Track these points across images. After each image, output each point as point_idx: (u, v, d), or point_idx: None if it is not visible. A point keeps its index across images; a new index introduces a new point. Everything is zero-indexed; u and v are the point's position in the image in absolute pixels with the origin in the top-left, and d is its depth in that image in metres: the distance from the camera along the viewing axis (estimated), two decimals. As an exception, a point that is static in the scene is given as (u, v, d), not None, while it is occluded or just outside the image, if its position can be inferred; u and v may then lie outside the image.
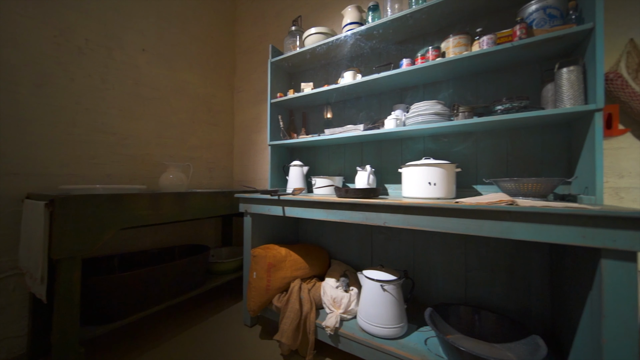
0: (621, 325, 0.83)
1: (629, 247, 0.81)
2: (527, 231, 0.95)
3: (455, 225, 1.09)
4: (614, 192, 1.32)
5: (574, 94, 1.17)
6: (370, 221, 1.32)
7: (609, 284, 0.85)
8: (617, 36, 1.33)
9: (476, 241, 1.58)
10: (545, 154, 1.41)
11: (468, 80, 1.62)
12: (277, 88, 2.28)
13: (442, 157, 1.70)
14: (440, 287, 1.69)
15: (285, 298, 1.64)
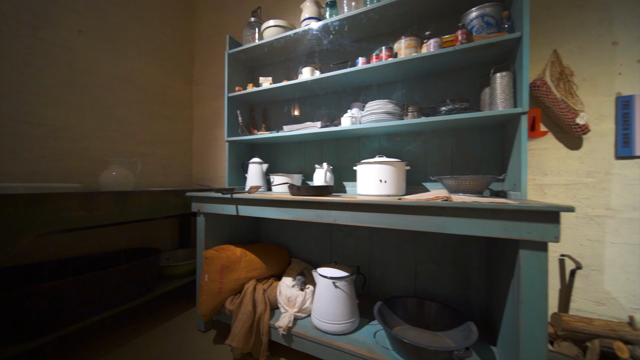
0: (534, 310, 0.92)
1: (540, 238, 0.89)
2: (459, 226, 1.01)
3: (398, 221, 1.12)
4: (539, 188, 1.46)
5: (505, 97, 1.26)
6: (321, 219, 1.32)
7: (525, 272, 0.93)
8: (543, 47, 1.46)
9: (425, 236, 1.66)
10: (484, 154, 1.52)
11: (418, 82, 1.69)
12: (236, 81, 2.19)
13: (396, 155, 1.75)
14: (394, 280, 1.76)
15: (238, 300, 1.59)
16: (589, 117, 1.35)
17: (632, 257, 1.29)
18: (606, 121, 1.34)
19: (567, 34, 1.42)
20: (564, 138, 1.42)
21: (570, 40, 1.41)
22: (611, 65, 1.34)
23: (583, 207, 1.37)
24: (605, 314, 1.33)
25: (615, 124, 1.32)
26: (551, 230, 0.88)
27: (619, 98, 1.31)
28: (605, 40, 1.35)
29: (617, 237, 1.31)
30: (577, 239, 1.38)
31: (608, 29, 1.34)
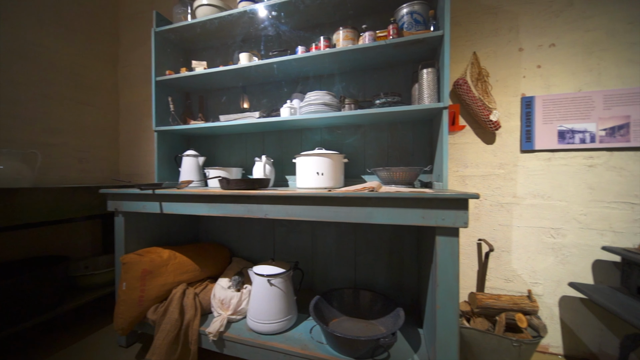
0: (448, 292, 0.97)
1: (452, 224, 0.94)
2: (384, 215, 1.02)
3: (328, 214, 1.10)
4: (461, 179, 1.59)
5: (430, 93, 1.33)
6: (252, 214, 1.24)
7: (441, 257, 0.98)
8: (465, 48, 1.58)
9: (364, 228, 1.69)
10: (415, 147, 1.59)
11: (356, 75, 1.70)
12: (166, 65, 1.96)
13: (337, 148, 1.75)
14: (335, 273, 1.76)
15: (162, 308, 1.42)
16: (500, 115, 1.50)
17: (532, 238, 1.48)
18: (514, 119, 1.50)
19: (484, 38, 1.55)
20: (481, 133, 1.56)
21: (487, 44, 1.55)
22: (518, 69, 1.50)
23: (496, 195, 1.53)
24: (512, 289, 1.51)
25: (520, 122, 1.48)
26: (461, 217, 0.93)
27: (523, 98, 1.48)
28: (513, 46, 1.51)
29: (521, 221, 1.49)
30: (491, 224, 1.54)
31: (516, 36, 1.50)
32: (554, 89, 1.44)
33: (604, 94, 1.35)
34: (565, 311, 1.43)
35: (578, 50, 1.40)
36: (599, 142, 1.36)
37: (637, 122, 1.31)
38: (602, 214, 1.37)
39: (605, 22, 1.36)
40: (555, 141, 1.42)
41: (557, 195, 1.43)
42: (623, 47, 1.34)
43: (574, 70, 1.41)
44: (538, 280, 1.47)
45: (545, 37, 1.45)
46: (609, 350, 1.36)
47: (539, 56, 1.46)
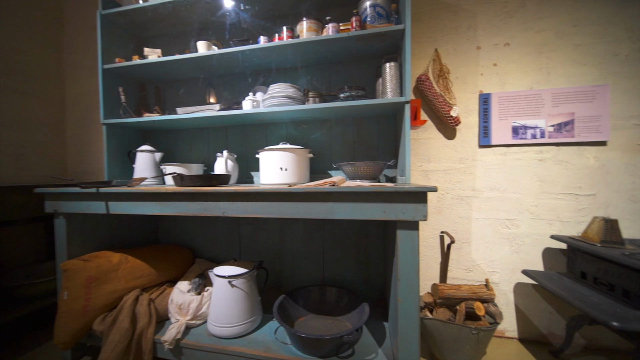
0: (409, 286, 0.97)
1: (412, 217, 0.94)
2: (346, 210, 1.00)
3: (289, 210, 1.05)
4: (425, 174, 1.62)
5: (392, 87, 1.33)
6: (209, 212, 1.16)
7: (402, 251, 0.97)
8: (427, 45, 1.60)
9: (331, 223, 1.67)
10: (380, 141, 1.60)
11: (321, 69, 1.67)
12: (116, 52, 1.78)
13: (303, 143, 1.70)
14: (303, 271, 1.72)
15: (111, 318, 1.29)
16: (460, 111, 1.55)
17: (490, 229, 1.54)
18: (472, 115, 1.55)
19: (445, 35, 1.58)
20: (443, 129, 1.60)
21: (447, 42, 1.58)
22: (476, 66, 1.55)
23: (457, 189, 1.58)
24: (472, 278, 1.57)
25: (479, 118, 1.54)
26: (420, 210, 0.93)
27: (481, 95, 1.53)
28: (472, 45, 1.55)
29: (480, 213, 1.55)
30: (452, 217, 1.58)
31: (474, 35, 1.55)
32: (509, 86, 1.50)
33: (552, 92, 1.44)
34: (519, 297, 1.52)
35: (530, 49, 1.48)
36: (548, 137, 1.45)
37: (580, 118, 1.41)
38: (551, 204, 1.47)
39: (554, 24, 1.45)
40: (510, 137, 1.49)
41: (512, 188, 1.51)
42: (569, 48, 1.43)
43: (526, 69, 1.48)
44: (495, 269, 1.54)
45: (501, 36, 1.51)
46: (557, 331, 1.47)
47: (495, 54, 1.52)
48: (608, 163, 1.40)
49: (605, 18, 1.39)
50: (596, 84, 1.39)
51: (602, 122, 1.38)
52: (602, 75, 1.40)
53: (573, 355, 1.38)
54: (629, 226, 1.37)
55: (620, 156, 1.38)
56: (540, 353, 1.40)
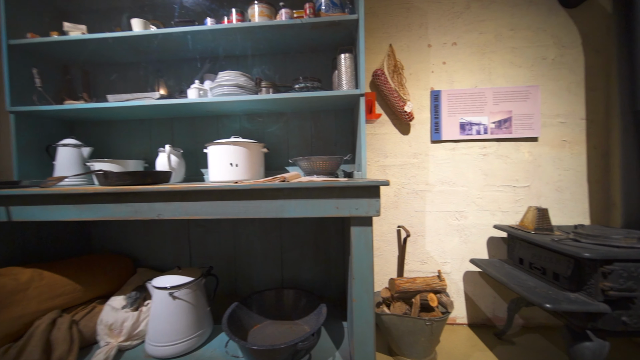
0: (363, 285, 0.94)
1: (365, 213, 0.90)
2: (297, 208, 0.92)
3: (235, 209, 0.95)
4: (382, 169, 1.63)
5: (348, 79, 1.29)
6: (140, 215, 1.00)
7: (356, 249, 0.93)
8: (383, 40, 1.61)
9: (289, 222, 1.59)
10: (338, 136, 1.56)
11: (276, 58, 1.58)
12: (28, 25, 1.47)
13: (258, 137, 1.60)
14: (261, 274, 1.62)
15: (16, 350, 1.05)
16: (413, 106, 1.58)
17: (442, 222, 1.61)
18: (425, 111, 1.60)
19: (399, 31, 1.60)
20: (398, 124, 1.62)
21: (401, 38, 1.60)
22: (427, 64, 1.59)
23: (412, 183, 1.61)
24: (427, 270, 1.62)
25: (430, 114, 1.59)
26: (373, 205, 0.90)
27: (432, 92, 1.58)
28: (423, 42, 1.59)
29: (433, 206, 1.61)
30: (408, 211, 1.62)
31: (425, 33, 1.59)
32: (457, 84, 1.57)
33: (493, 91, 1.54)
34: (468, 285, 1.61)
35: (474, 50, 1.56)
36: (490, 133, 1.55)
37: (517, 116, 1.53)
38: (494, 196, 1.57)
39: (494, 27, 1.55)
40: (458, 132, 1.56)
41: (460, 181, 1.59)
42: (507, 50, 1.54)
43: (471, 68, 1.56)
44: (447, 259, 1.61)
45: (449, 35, 1.57)
46: (500, 314, 1.58)
47: (444, 53, 1.58)
48: (539, 157, 1.54)
49: (535, 24, 1.52)
50: (529, 85, 1.53)
51: (534, 120, 1.52)
52: (533, 76, 1.53)
53: (513, 335, 1.50)
54: (556, 214, 1.53)
55: (549, 151, 1.54)
56: (486, 336, 1.50)
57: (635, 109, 1.16)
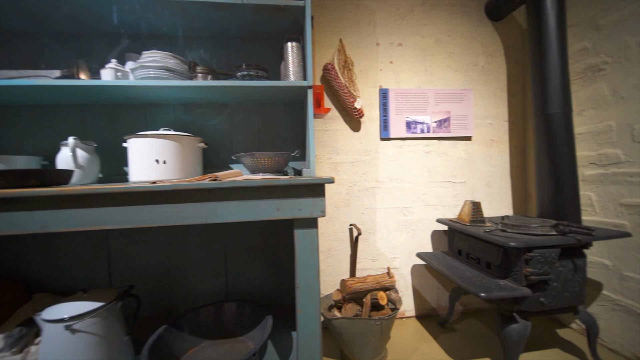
0: (309, 293, 0.86)
1: (310, 214, 0.83)
2: (231, 211, 0.80)
3: (152, 216, 0.78)
4: (334, 166, 1.59)
5: (295, 70, 1.20)
6: (17, 228, 0.75)
7: (300, 253, 0.85)
8: (334, 34, 1.57)
9: (233, 226, 1.43)
10: (287, 131, 1.46)
11: (217, 43, 1.40)
12: None
13: (197, 131, 1.40)
14: (201, 286, 1.43)
15: None
16: (363, 103, 1.57)
17: (391, 218, 1.64)
18: (374, 108, 1.61)
19: (349, 27, 1.58)
20: (349, 121, 1.60)
21: (351, 34, 1.58)
22: (376, 62, 1.60)
23: (363, 181, 1.61)
24: (378, 267, 1.64)
25: (379, 111, 1.60)
26: (318, 205, 0.83)
27: (380, 90, 1.60)
28: (372, 40, 1.60)
29: (383, 203, 1.63)
30: (359, 208, 1.61)
31: (373, 31, 1.60)
32: (403, 84, 1.62)
33: (434, 92, 1.62)
34: (415, 278, 1.67)
35: (417, 52, 1.62)
36: (433, 132, 1.63)
37: (454, 117, 1.64)
38: (436, 192, 1.66)
39: (434, 32, 1.63)
40: (404, 130, 1.61)
41: (407, 178, 1.64)
42: (445, 55, 1.64)
43: (415, 69, 1.62)
44: (396, 255, 1.65)
45: (395, 36, 1.61)
46: (443, 303, 1.69)
47: (391, 53, 1.61)
48: (473, 155, 1.68)
49: (468, 33, 1.65)
50: (464, 88, 1.65)
51: (468, 121, 1.65)
52: (467, 81, 1.66)
53: (454, 322, 1.61)
54: (487, 207, 1.69)
55: (480, 149, 1.69)
56: (432, 326, 1.57)
57: (546, 112, 1.33)
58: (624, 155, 1.25)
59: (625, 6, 1.22)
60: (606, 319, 1.32)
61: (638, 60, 1.18)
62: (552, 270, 1.11)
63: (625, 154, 1.24)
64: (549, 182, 1.34)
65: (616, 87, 1.26)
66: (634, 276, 1.21)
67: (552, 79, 1.31)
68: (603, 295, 1.34)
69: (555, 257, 1.11)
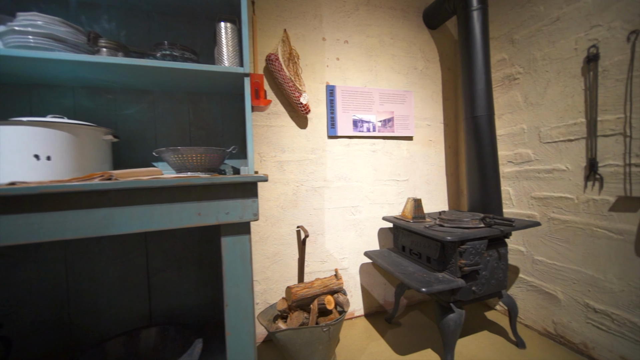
0: (241, 312, 0.74)
1: (240, 218, 0.71)
2: (132, 219, 0.63)
3: (8, 231, 0.56)
4: (279, 165, 1.48)
5: (230, 55, 1.06)
6: None
7: (229, 265, 0.73)
8: (278, 24, 1.46)
9: (157, 235, 1.21)
10: (225, 126, 1.30)
11: (134, 17, 1.17)
12: None
13: (107, 122, 1.14)
14: (115, 311, 1.16)
15: None
16: (310, 99, 1.50)
17: (340, 218, 1.60)
18: (321, 105, 1.55)
19: (294, 18, 1.49)
20: (295, 117, 1.51)
21: (296, 26, 1.50)
22: (323, 57, 1.55)
23: (310, 180, 1.54)
24: (327, 269, 1.59)
25: (326, 108, 1.55)
26: (249, 207, 0.72)
27: (327, 86, 1.55)
28: (318, 34, 1.54)
29: (331, 203, 1.58)
30: (307, 209, 1.53)
31: (320, 25, 1.54)
32: (349, 81, 1.60)
33: (379, 91, 1.65)
34: (363, 277, 1.67)
35: (363, 51, 1.63)
36: (378, 131, 1.65)
37: (398, 117, 1.70)
38: (382, 190, 1.69)
39: (378, 33, 1.66)
40: (351, 129, 1.59)
41: (355, 177, 1.63)
42: (388, 57, 1.68)
43: (360, 68, 1.62)
44: (345, 255, 1.62)
45: (341, 32, 1.58)
46: (390, 298, 1.72)
47: (338, 49, 1.58)
48: (414, 154, 1.76)
49: (409, 37, 1.73)
50: (405, 90, 1.72)
51: (409, 121, 1.72)
52: (408, 83, 1.73)
53: (400, 316, 1.66)
54: (427, 203, 1.79)
55: (421, 149, 1.78)
56: (379, 323, 1.59)
57: (474, 115, 1.46)
58: (534, 154, 1.43)
59: (533, 24, 1.40)
60: (522, 298, 1.50)
61: (543, 71, 1.36)
62: (482, 260, 1.20)
63: (535, 153, 1.43)
64: (477, 178, 1.47)
65: (527, 94, 1.45)
66: (543, 260, 1.40)
67: (478, 85, 1.44)
68: (520, 278, 1.52)
69: (484, 248, 1.20)
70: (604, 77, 1.13)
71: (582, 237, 1.23)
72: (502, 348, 1.33)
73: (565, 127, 1.29)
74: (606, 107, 1.13)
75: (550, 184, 1.36)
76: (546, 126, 1.37)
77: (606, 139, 1.14)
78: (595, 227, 1.19)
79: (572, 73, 1.25)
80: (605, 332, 1.16)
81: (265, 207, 1.46)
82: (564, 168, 1.30)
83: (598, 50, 1.15)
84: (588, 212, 1.21)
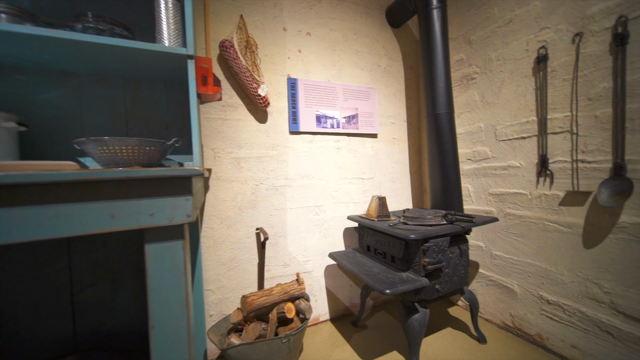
0: (173, 335, 0.61)
1: (168, 221, 0.59)
2: (15, 224, 0.48)
3: None
4: (236, 161, 1.36)
5: (171, 33, 0.93)
6: None
7: (154, 279, 0.60)
8: (233, 9, 1.35)
9: (84, 241, 1.03)
10: (170, 117, 1.16)
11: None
12: None
13: (16, 107, 0.94)
14: (38, 334, 0.96)
15: None
16: (269, 91, 1.41)
17: (303, 218, 1.52)
18: (282, 99, 1.46)
19: (251, 4, 1.39)
20: (253, 110, 1.40)
21: (254, 13, 1.40)
22: (283, 48, 1.47)
23: (271, 178, 1.43)
24: (290, 272, 1.49)
25: (288, 102, 1.47)
26: (181, 206, 0.60)
27: (289, 79, 1.46)
28: (279, 24, 1.45)
29: (294, 202, 1.49)
30: (268, 210, 1.43)
31: (280, 14, 1.46)
32: (312, 75, 1.53)
33: (343, 87, 1.60)
34: (328, 279, 1.60)
35: (326, 45, 1.57)
36: (342, 128, 1.60)
37: (362, 114, 1.66)
38: (347, 189, 1.64)
39: (342, 27, 1.61)
40: (315, 125, 1.52)
41: (319, 175, 1.56)
42: (352, 52, 1.65)
43: (323, 62, 1.56)
44: (309, 257, 1.54)
45: (303, 24, 1.51)
46: (356, 300, 1.67)
47: (300, 41, 1.50)
48: (379, 152, 1.74)
49: (372, 34, 1.71)
50: (369, 86, 1.69)
51: (374, 119, 1.70)
52: (372, 80, 1.71)
53: (366, 318, 1.61)
54: (392, 201, 1.78)
55: (385, 147, 1.76)
56: (345, 327, 1.52)
57: (435, 112, 1.46)
58: (491, 152, 1.47)
59: (488, 25, 1.44)
60: (482, 293, 1.53)
61: (498, 71, 1.41)
62: (445, 257, 1.19)
63: (491, 150, 1.47)
64: (439, 176, 1.47)
65: (483, 93, 1.49)
66: (501, 254, 1.44)
67: (439, 83, 1.45)
68: (479, 273, 1.55)
69: (447, 245, 1.19)
70: (552, 77, 1.19)
71: (535, 231, 1.28)
72: (464, 345, 1.33)
73: (518, 125, 1.34)
74: (555, 106, 1.19)
75: (506, 181, 1.40)
76: (501, 124, 1.41)
77: (555, 137, 1.19)
78: (547, 221, 1.23)
79: (524, 73, 1.30)
80: (557, 322, 1.21)
81: (220, 208, 1.32)
82: (518, 165, 1.35)
83: (547, 52, 1.21)
84: (540, 207, 1.26)
